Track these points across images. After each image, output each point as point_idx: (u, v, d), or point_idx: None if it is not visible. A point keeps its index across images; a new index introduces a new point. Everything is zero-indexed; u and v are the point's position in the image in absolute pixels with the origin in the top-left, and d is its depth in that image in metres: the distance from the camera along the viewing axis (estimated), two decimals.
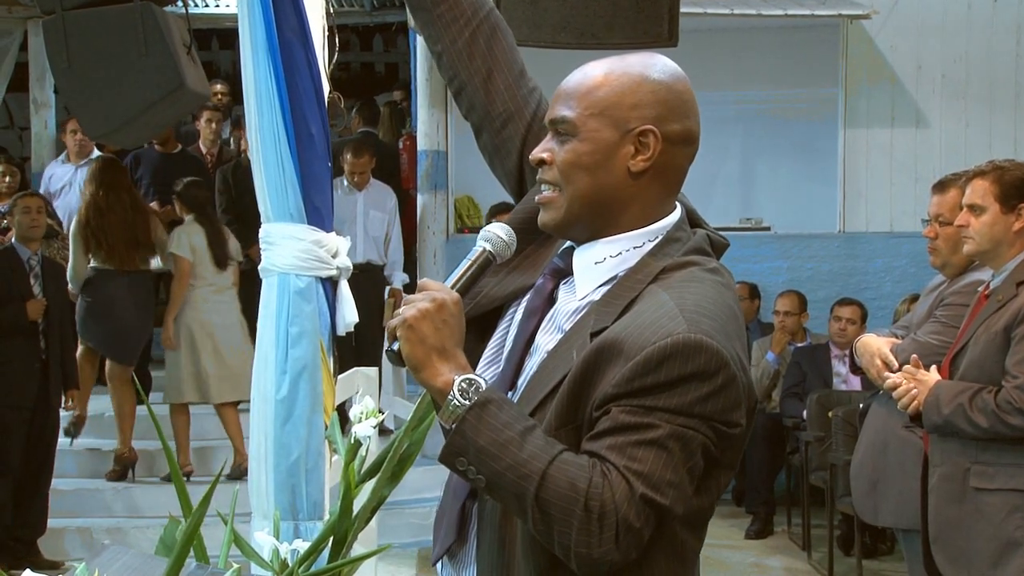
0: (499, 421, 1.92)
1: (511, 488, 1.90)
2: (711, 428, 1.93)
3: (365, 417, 2.34)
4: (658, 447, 1.89)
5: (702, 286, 2.02)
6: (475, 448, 1.92)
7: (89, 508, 7.96)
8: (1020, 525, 4.04)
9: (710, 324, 1.94)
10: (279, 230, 3.80)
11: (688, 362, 1.90)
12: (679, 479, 1.91)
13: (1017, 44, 10.03)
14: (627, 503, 1.87)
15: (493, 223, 2.19)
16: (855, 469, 5.16)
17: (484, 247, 2.14)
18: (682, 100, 2.11)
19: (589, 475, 1.88)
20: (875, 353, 4.65)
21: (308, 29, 3.83)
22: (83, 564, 2.02)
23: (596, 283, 2.10)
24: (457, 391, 1.94)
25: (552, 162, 2.11)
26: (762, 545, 8.38)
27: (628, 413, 1.91)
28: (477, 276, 2.13)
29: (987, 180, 4.25)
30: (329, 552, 2.39)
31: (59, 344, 7.40)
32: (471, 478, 1.95)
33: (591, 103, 2.08)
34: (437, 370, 1.97)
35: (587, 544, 1.87)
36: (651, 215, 2.11)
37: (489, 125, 2.44)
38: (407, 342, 1.98)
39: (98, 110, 4.96)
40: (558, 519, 1.88)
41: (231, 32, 10.35)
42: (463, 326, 2.02)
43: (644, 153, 2.07)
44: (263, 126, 3.74)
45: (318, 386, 3.79)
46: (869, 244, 10.13)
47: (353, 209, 8.89)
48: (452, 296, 2.02)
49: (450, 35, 2.45)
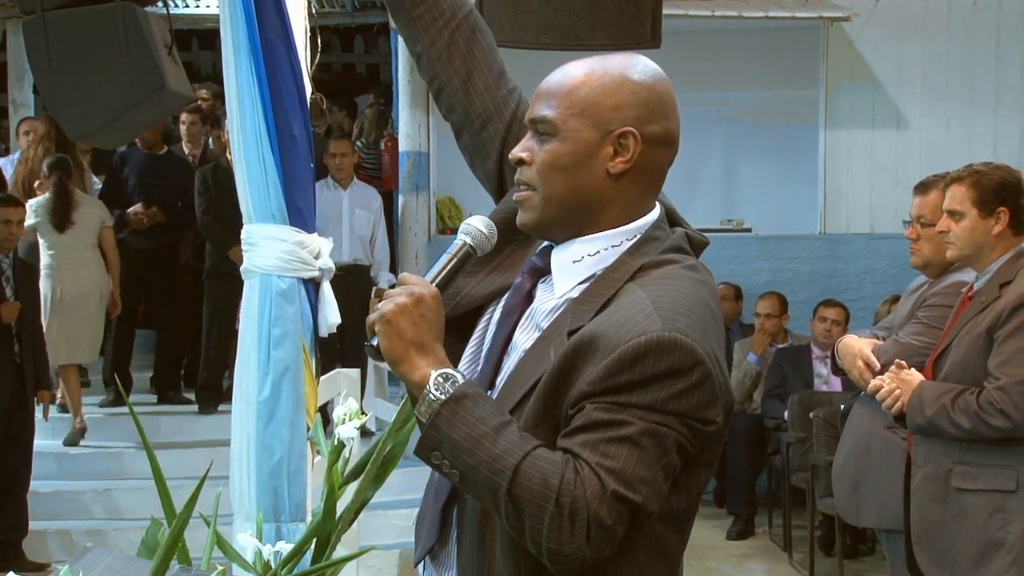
0: (474, 416, 1.92)
1: (484, 483, 1.91)
2: (685, 425, 1.93)
3: (348, 419, 2.34)
4: (631, 444, 1.90)
5: (679, 283, 2.02)
6: (450, 442, 1.92)
7: (69, 510, 7.93)
8: (1002, 526, 4.06)
9: (685, 322, 1.94)
10: (261, 231, 3.79)
11: (662, 360, 1.90)
12: (653, 476, 1.91)
13: (997, 46, 10.07)
14: (599, 500, 1.87)
15: (473, 217, 2.19)
16: (837, 470, 5.17)
17: (464, 241, 2.14)
18: (662, 101, 2.11)
19: (562, 471, 1.89)
20: (857, 354, 4.66)
21: (290, 30, 3.82)
22: (67, 566, 2.01)
23: (574, 281, 2.10)
24: (433, 385, 1.95)
25: (531, 162, 2.11)
26: (744, 546, 8.40)
27: (602, 410, 1.91)
28: (457, 270, 2.14)
29: (964, 185, 4.27)
30: (312, 554, 2.38)
31: (32, 345, 7.37)
32: (446, 472, 1.95)
33: (572, 103, 2.08)
34: (415, 364, 1.98)
35: (559, 540, 1.88)
36: (630, 215, 2.11)
37: (469, 126, 2.44)
38: (385, 337, 1.99)
39: (78, 111, 4.93)
40: (530, 515, 1.88)
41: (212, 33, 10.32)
42: (442, 320, 2.03)
43: (624, 154, 2.07)
44: (245, 127, 3.73)
45: (300, 387, 3.78)
46: (850, 245, 10.15)
47: (339, 208, 8.87)
48: (430, 290, 2.03)
49: (429, 36, 2.44)
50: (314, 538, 2.37)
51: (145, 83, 4.83)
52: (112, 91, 4.84)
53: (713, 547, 8.25)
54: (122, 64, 4.80)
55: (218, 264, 8.61)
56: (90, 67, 4.85)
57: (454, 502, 2.15)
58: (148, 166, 9.16)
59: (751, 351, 8.91)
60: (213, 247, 8.68)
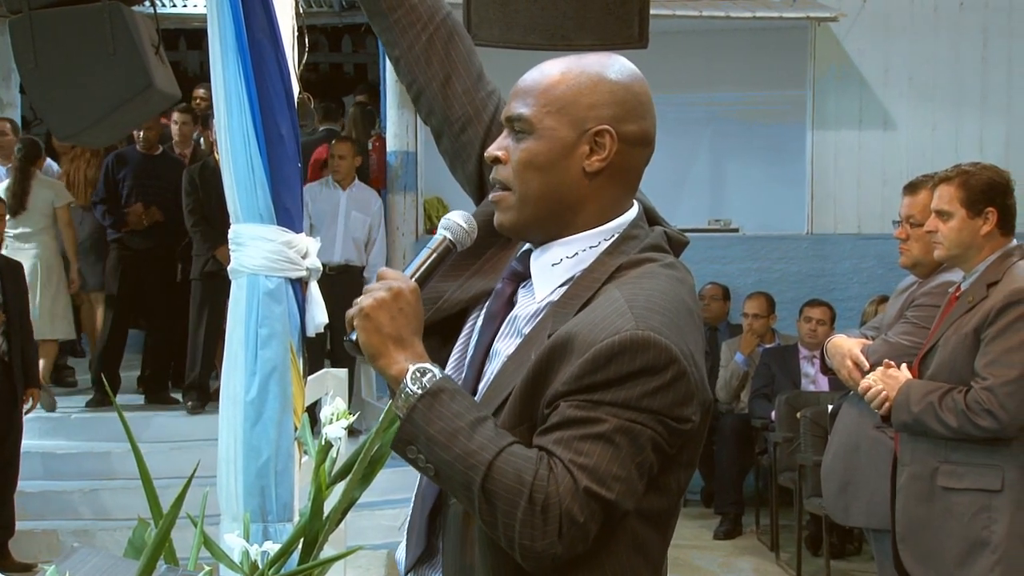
0: (450, 411, 1.93)
1: (459, 478, 1.91)
2: (660, 423, 1.93)
3: (336, 419, 2.34)
4: (604, 441, 1.90)
5: (655, 281, 2.02)
6: (425, 436, 1.93)
7: (56, 510, 7.91)
8: (987, 525, 4.07)
9: (659, 320, 1.94)
10: (249, 231, 3.78)
11: (636, 358, 1.91)
12: (626, 474, 1.91)
13: (983, 47, 10.10)
14: (571, 496, 1.88)
15: (453, 212, 2.19)
16: (826, 470, 5.18)
17: (444, 236, 2.14)
18: (639, 101, 2.11)
19: (535, 468, 1.89)
20: (846, 354, 4.67)
21: (278, 29, 3.81)
22: (53, 566, 2.01)
23: (553, 284, 2.10)
24: (410, 379, 1.95)
25: (507, 161, 2.11)
26: (731, 545, 8.41)
27: (576, 408, 1.92)
28: (437, 265, 2.14)
29: (953, 185, 4.28)
30: (299, 554, 2.38)
31: (20, 344, 7.35)
32: (421, 467, 1.96)
33: (548, 101, 2.08)
34: (393, 359, 1.99)
35: (531, 536, 1.88)
36: (607, 215, 2.11)
37: (448, 129, 2.44)
38: (363, 331, 2.00)
39: (66, 110, 4.93)
40: (503, 510, 1.89)
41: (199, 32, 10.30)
42: (421, 315, 2.03)
43: (600, 153, 2.07)
44: (232, 126, 3.72)
45: (288, 387, 3.77)
46: (837, 245, 10.17)
47: (335, 208, 8.87)
48: (409, 285, 2.03)
49: (407, 40, 2.45)
50: (301, 538, 2.36)
51: (132, 82, 4.82)
52: (99, 90, 4.83)
53: (700, 547, 8.26)
54: (109, 63, 4.79)
55: (205, 264, 8.60)
56: (77, 66, 4.84)
57: (440, 510, 2.15)
58: (144, 166, 9.15)
59: (739, 351, 8.92)
60: (200, 247, 8.66)
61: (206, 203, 8.46)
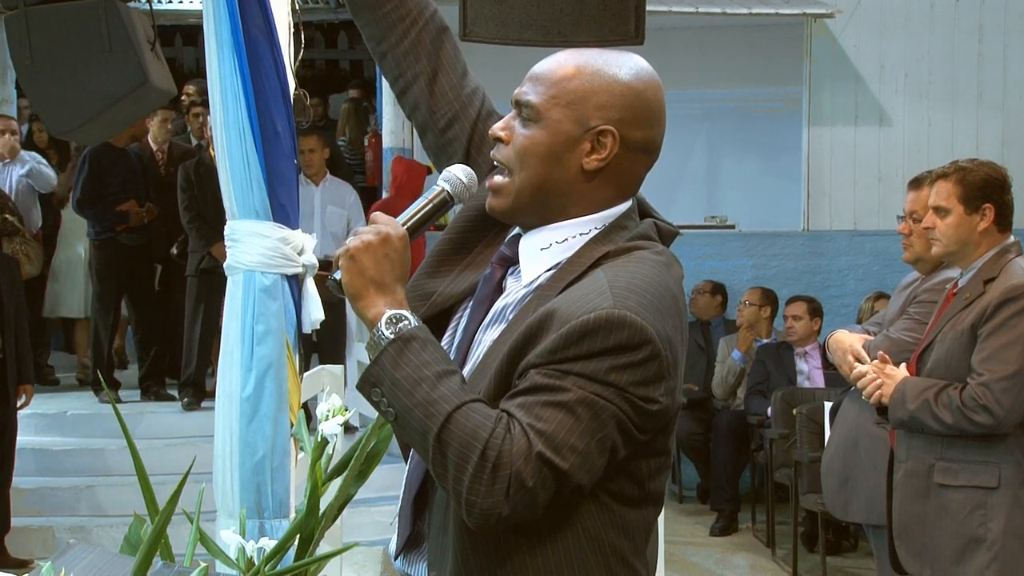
0: (419, 359, 1.95)
1: (417, 425, 1.92)
2: (626, 400, 1.93)
3: (332, 415, 2.33)
4: (566, 410, 1.91)
5: (641, 266, 2.03)
6: (391, 380, 1.95)
7: (51, 507, 7.90)
8: (983, 522, 4.07)
9: (637, 300, 1.94)
10: (245, 227, 3.78)
11: (610, 336, 1.91)
12: (584, 446, 1.91)
13: (979, 43, 10.11)
14: (523, 459, 1.88)
15: (455, 165, 2.20)
16: (826, 465, 5.18)
17: (443, 187, 2.16)
18: (649, 108, 2.11)
19: (493, 426, 1.90)
20: (847, 350, 4.66)
21: (274, 26, 3.81)
22: (49, 563, 2.00)
23: (541, 269, 2.11)
24: (384, 323, 1.98)
25: (508, 141, 2.12)
26: (727, 542, 8.41)
27: (544, 375, 1.93)
28: (432, 216, 2.16)
29: (950, 182, 4.27)
30: (295, 550, 2.38)
31: (15, 340, 7.34)
32: (383, 410, 1.98)
33: (558, 93, 2.09)
34: (372, 301, 2.01)
35: (478, 492, 1.88)
36: (599, 209, 2.12)
37: (434, 126, 2.45)
38: (347, 272, 2.03)
39: (61, 106, 4.92)
40: (455, 462, 1.89)
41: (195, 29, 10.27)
42: (406, 263, 2.05)
43: (600, 152, 2.08)
44: (228, 123, 3.72)
45: (284, 384, 3.77)
46: (833, 242, 10.17)
47: (310, 204, 8.84)
48: (398, 231, 2.06)
49: (396, 35, 2.45)
50: (297, 534, 2.36)
51: (128, 79, 4.82)
52: (95, 87, 4.83)
53: (696, 543, 8.26)
54: (105, 60, 4.79)
55: (201, 261, 8.58)
56: (73, 63, 4.84)
57: (426, 495, 2.16)
58: (124, 163, 9.08)
59: (736, 348, 8.93)
60: (196, 243, 8.64)
61: (202, 200, 8.44)
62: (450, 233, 2.31)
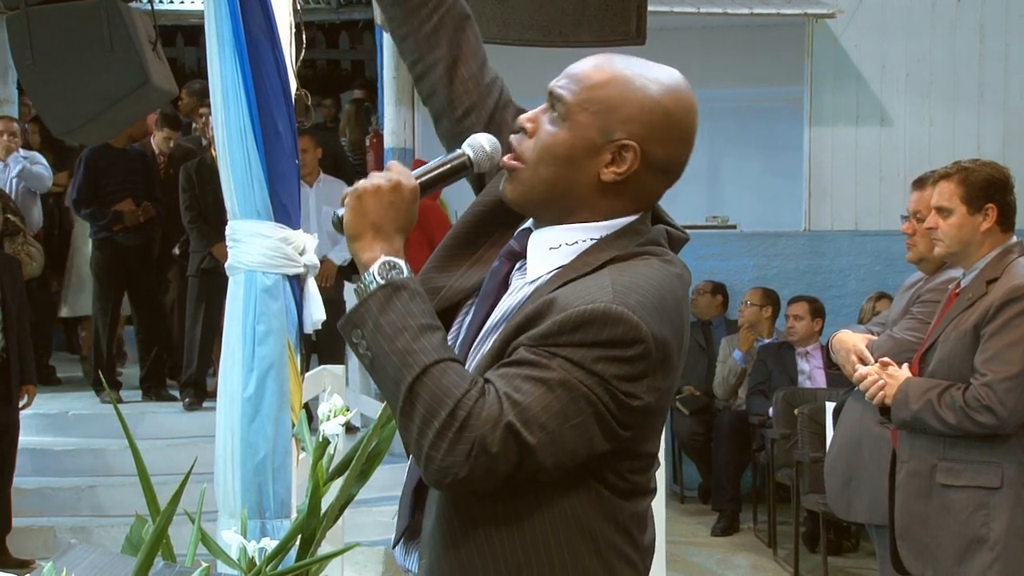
0: (406, 308, 1.95)
1: (392, 372, 1.92)
2: (607, 392, 1.92)
3: (333, 415, 2.34)
4: (546, 387, 1.90)
5: (648, 269, 2.02)
6: (374, 323, 1.94)
7: (53, 507, 7.90)
8: (985, 522, 4.07)
9: (638, 300, 1.94)
10: (246, 227, 3.78)
11: (603, 330, 1.91)
12: (556, 428, 1.90)
13: (980, 43, 10.10)
14: (492, 425, 1.87)
15: (482, 133, 2.20)
16: (829, 465, 5.18)
17: (464, 151, 2.15)
18: (677, 127, 2.10)
19: (468, 387, 1.90)
20: (851, 350, 4.65)
21: (275, 26, 3.82)
22: (50, 563, 2.00)
23: (548, 267, 2.10)
24: (377, 268, 1.98)
25: (532, 134, 2.10)
26: (728, 542, 8.40)
27: (531, 352, 1.93)
28: (447, 177, 2.15)
29: (953, 182, 4.27)
30: (297, 550, 2.38)
31: (17, 340, 7.34)
32: (361, 353, 1.97)
33: (589, 98, 2.07)
34: (368, 244, 2.01)
35: (439, 448, 1.88)
36: (611, 218, 2.10)
37: (451, 113, 2.43)
38: (350, 210, 2.03)
39: (62, 106, 4.93)
40: (422, 415, 1.89)
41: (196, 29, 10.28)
42: (411, 216, 2.05)
43: (619, 166, 2.06)
44: (230, 123, 3.72)
45: (285, 384, 3.77)
46: (834, 242, 10.17)
47: (305, 204, 8.79)
48: (410, 183, 2.06)
49: (418, 18, 2.43)
50: (299, 535, 2.36)
51: (129, 79, 4.83)
52: (96, 87, 4.84)
53: (698, 543, 8.26)
54: (106, 60, 4.79)
55: (202, 261, 8.58)
56: (74, 63, 4.85)
57: (425, 487, 2.14)
58: (122, 162, 9.07)
59: (737, 348, 8.92)
60: (197, 243, 8.64)
61: (203, 200, 8.44)
62: (460, 227, 2.30)
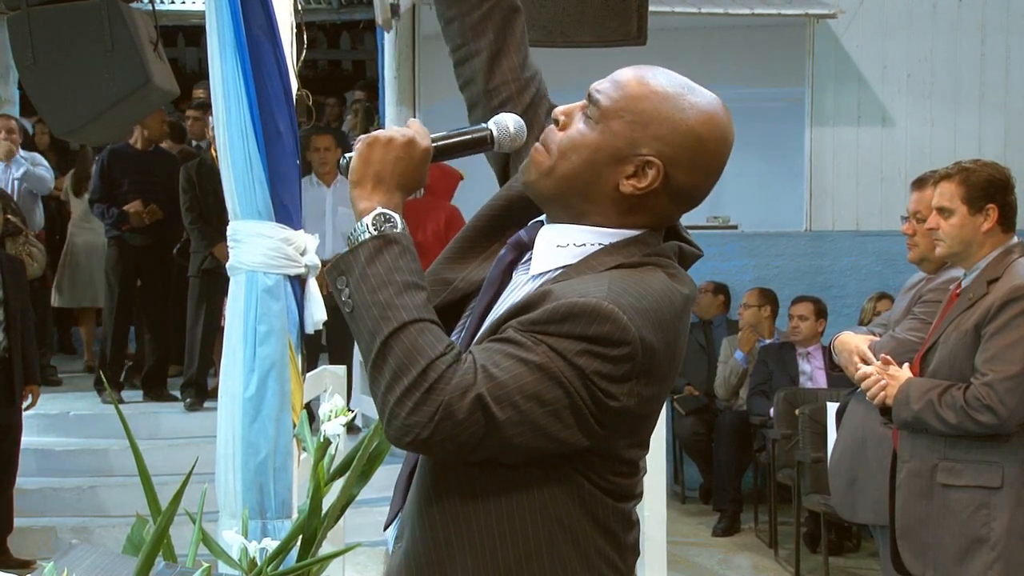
0: (394, 263, 1.95)
1: (370, 323, 1.91)
2: (584, 385, 1.91)
3: (334, 415, 2.34)
4: (525, 367, 1.89)
5: (650, 277, 2.01)
6: (360, 272, 1.94)
7: (54, 507, 7.91)
8: (986, 522, 4.07)
9: (631, 302, 1.93)
10: (247, 228, 3.79)
11: (591, 325, 1.90)
12: (526, 409, 1.89)
13: (981, 44, 10.10)
14: (462, 392, 1.86)
15: (510, 114, 2.19)
16: (833, 467, 5.17)
17: (489, 127, 2.15)
18: (705, 157, 2.07)
19: (443, 351, 1.89)
20: (853, 351, 4.64)
21: (276, 26, 3.82)
22: (51, 563, 2.01)
23: (552, 265, 2.08)
24: (371, 219, 1.98)
25: (564, 129, 2.09)
26: (729, 542, 8.40)
27: (517, 333, 1.92)
28: (464, 147, 2.15)
29: (953, 182, 4.27)
30: (298, 551, 2.38)
31: (20, 340, 7.34)
32: (341, 300, 1.97)
33: (625, 107, 2.05)
34: (367, 193, 2.01)
35: (403, 406, 1.87)
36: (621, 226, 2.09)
37: (487, 103, 2.41)
38: (358, 156, 2.04)
39: (63, 107, 4.93)
40: (393, 370, 1.88)
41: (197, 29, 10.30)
42: (418, 175, 2.06)
43: (640, 180, 2.04)
44: (231, 123, 3.73)
45: (286, 384, 3.78)
46: (835, 243, 10.17)
47: (322, 205, 8.82)
48: (425, 143, 2.06)
49: (468, 3, 2.41)
50: (300, 535, 2.37)
51: (130, 79, 4.83)
52: (97, 87, 4.84)
53: (699, 543, 8.26)
54: (107, 60, 4.79)
55: (203, 261, 8.58)
56: (75, 63, 4.85)
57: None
58: (140, 163, 9.11)
59: (738, 349, 8.92)
60: (198, 244, 8.64)
61: (203, 200, 8.44)
62: (477, 221, 2.28)
